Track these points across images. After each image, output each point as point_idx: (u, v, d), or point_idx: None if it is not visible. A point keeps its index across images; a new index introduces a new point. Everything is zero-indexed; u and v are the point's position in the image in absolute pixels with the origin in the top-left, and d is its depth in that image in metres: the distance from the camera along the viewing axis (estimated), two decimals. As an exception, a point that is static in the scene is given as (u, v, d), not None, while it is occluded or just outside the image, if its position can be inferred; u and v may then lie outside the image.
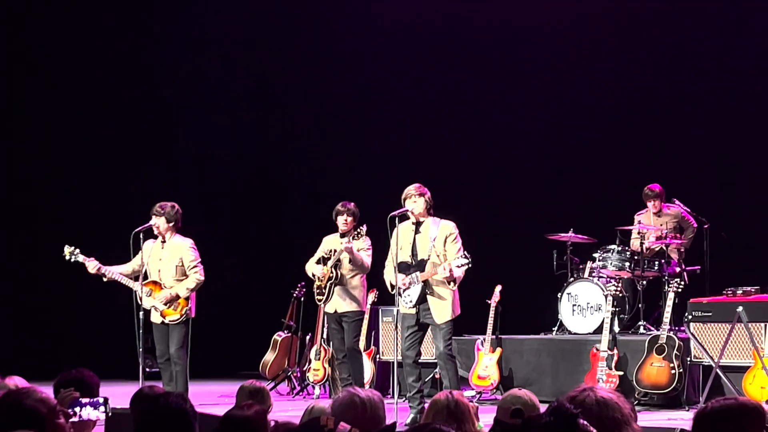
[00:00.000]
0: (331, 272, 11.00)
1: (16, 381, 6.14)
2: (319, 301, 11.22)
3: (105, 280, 11.13)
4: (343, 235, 11.06)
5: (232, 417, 4.50)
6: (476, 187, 16.13)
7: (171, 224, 10.95)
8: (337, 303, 11.04)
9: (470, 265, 9.94)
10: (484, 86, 16.09)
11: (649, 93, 15.47)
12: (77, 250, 11.15)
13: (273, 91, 17.27)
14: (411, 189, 10.21)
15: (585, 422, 3.63)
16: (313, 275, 11.17)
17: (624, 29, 15.39)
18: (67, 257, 11.16)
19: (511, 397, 5.09)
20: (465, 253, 9.96)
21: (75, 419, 4.65)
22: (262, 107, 17.27)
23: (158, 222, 10.91)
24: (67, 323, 16.17)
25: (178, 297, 10.85)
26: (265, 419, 4.51)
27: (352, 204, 11.12)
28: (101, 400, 4.76)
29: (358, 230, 10.85)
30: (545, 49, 15.75)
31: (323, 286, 11.07)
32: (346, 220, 11.03)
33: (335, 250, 10.98)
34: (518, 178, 16.03)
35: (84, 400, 4.74)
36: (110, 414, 4.81)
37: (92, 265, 11.04)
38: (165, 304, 10.84)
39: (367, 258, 10.97)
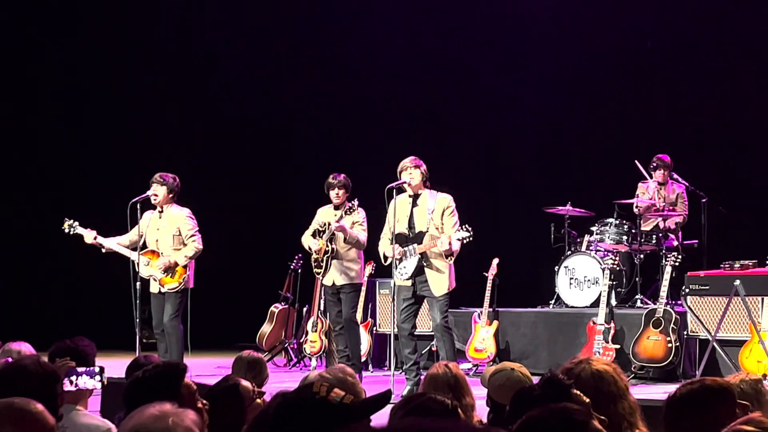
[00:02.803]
0: (327, 246, 10.98)
1: (21, 347, 6.15)
2: (317, 273, 11.21)
3: (103, 251, 11.13)
4: (336, 208, 10.99)
5: (216, 389, 4.52)
6: (474, 160, 16.11)
7: (171, 195, 10.96)
8: (335, 276, 11.02)
9: (471, 239, 9.94)
10: (481, 58, 16.05)
11: (648, 64, 15.42)
12: (76, 223, 11.15)
13: (269, 64, 17.21)
14: (407, 161, 10.21)
15: (578, 392, 3.63)
16: (310, 248, 11.15)
17: (621, 1, 15.34)
18: (66, 230, 11.16)
19: (503, 375, 5.01)
20: (467, 226, 9.96)
21: (71, 388, 4.65)
22: (260, 81, 17.23)
23: (159, 191, 10.89)
24: (64, 294, 16.19)
25: (176, 264, 10.85)
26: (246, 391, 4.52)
27: (343, 176, 11.01)
28: (97, 370, 4.76)
29: (350, 205, 10.79)
30: (543, 20, 15.70)
31: (320, 259, 11.06)
32: (338, 193, 10.93)
33: (329, 224, 10.91)
34: (516, 150, 16.01)
35: (80, 370, 4.74)
36: (106, 383, 4.81)
37: (90, 236, 11.04)
38: (163, 272, 10.84)
39: (362, 233, 10.88)
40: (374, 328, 13.01)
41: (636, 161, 12.80)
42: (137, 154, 15.87)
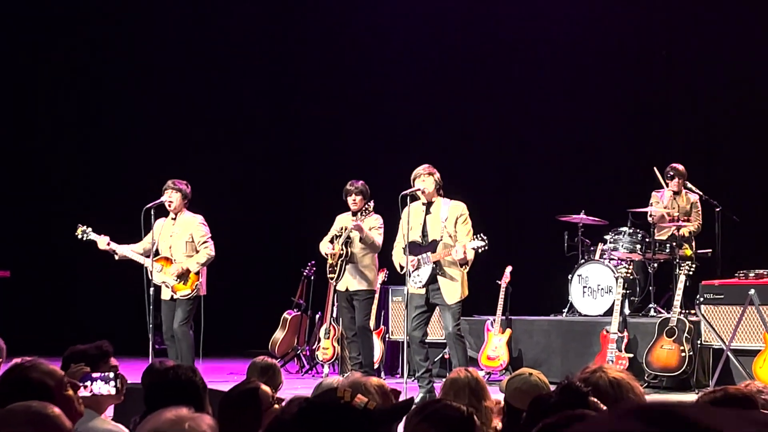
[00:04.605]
0: (342, 250, 11.00)
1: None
2: (331, 279, 11.22)
3: (116, 258, 11.15)
4: (354, 214, 11.06)
5: (234, 393, 4.52)
6: (488, 168, 16.09)
7: (184, 201, 10.99)
8: (349, 281, 11.03)
9: (486, 248, 9.93)
10: (496, 66, 16.03)
11: (662, 73, 15.39)
12: (89, 229, 11.17)
13: (285, 72, 17.24)
14: (420, 169, 10.21)
15: (596, 400, 3.62)
16: (326, 254, 11.18)
17: (637, 7, 15.30)
18: (80, 236, 11.19)
19: (520, 380, 5.05)
20: (482, 235, 9.95)
21: (87, 393, 4.64)
22: (274, 86, 17.24)
23: (173, 197, 10.92)
24: (77, 300, 16.21)
25: (188, 271, 10.87)
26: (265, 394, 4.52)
27: (361, 182, 11.09)
28: (111, 375, 4.75)
29: (366, 206, 10.84)
30: (558, 28, 15.68)
31: (335, 263, 11.07)
32: (355, 200, 11.01)
33: (346, 228, 10.98)
34: (530, 158, 15.98)
35: (95, 375, 4.73)
36: (121, 389, 4.80)
37: (103, 242, 11.06)
38: (176, 279, 10.85)
39: (378, 237, 10.96)
40: (387, 336, 13.00)
41: (655, 168, 12.77)
42: (150, 161, 15.88)
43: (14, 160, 16.53)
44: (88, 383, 4.65)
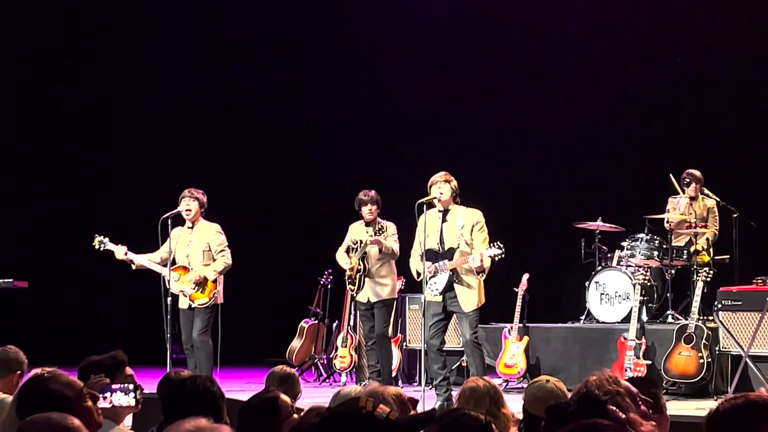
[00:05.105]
0: (359, 264, 11.03)
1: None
2: (351, 290, 11.26)
3: (134, 267, 11.18)
4: (368, 224, 11.08)
5: (254, 401, 4.52)
6: (504, 175, 16.06)
7: (202, 210, 11.02)
8: (369, 293, 11.08)
9: (503, 256, 9.92)
10: (511, 72, 16.01)
11: (679, 79, 15.36)
12: (106, 239, 11.20)
13: (302, 80, 17.28)
14: (437, 176, 10.20)
15: (614, 408, 3.61)
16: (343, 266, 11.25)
17: (652, 13, 15.28)
18: (97, 246, 11.22)
19: (537, 387, 5.07)
20: (498, 243, 9.94)
21: (106, 405, 4.65)
22: (289, 94, 17.28)
23: (191, 206, 10.95)
24: (95, 310, 16.24)
25: (206, 280, 10.88)
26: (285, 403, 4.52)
27: (374, 192, 11.12)
28: (131, 387, 4.75)
29: (381, 225, 10.90)
30: (573, 33, 15.66)
31: (353, 277, 11.11)
32: (371, 209, 11.05)
33: (362, 242, 10.99)
34: (546, 165, 15.95)
35: (115, 386, 4.73)
36: (141, 400, 4.81)
37: (121, 252, 11.09)
38: (193, 287, 10.86)
39: (395, 244, 11.03)
40: (404, 344, 12.99)
41: (670, 175, 12.74)
42: (166, 171, 15.91)
43: (32, 171, 16.57)
44: (108, 394, 4.65)
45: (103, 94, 16.78)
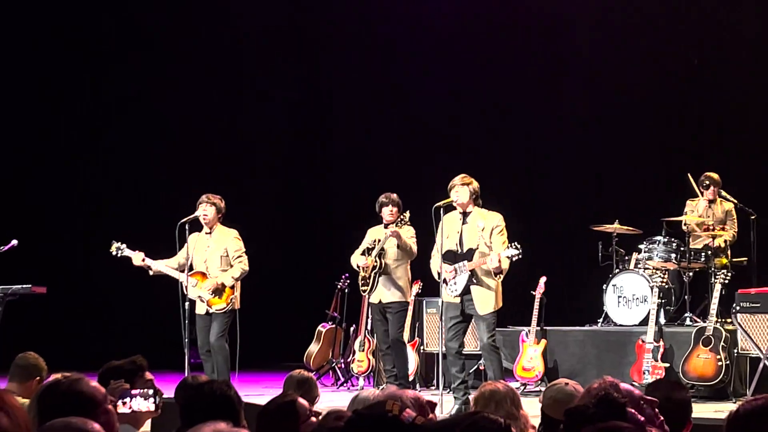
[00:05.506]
0: (375, 262, 11.04)
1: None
2: (364, 291, 11.24)
3: (151, 273, 11.19)
4: (387, 226, 11.11)
5: (272, 405, 4.52)
6: (521, 178, 16.06)
7: (219, 215, 11.04)
8: (381, 293, 11.06)
9: (520, 256, 9.92)
10: (528, 75, 16.00)
11: (695, 79, 15.33)
12: (124, 245, 11.22)
13: (318, 85, 17.30)
14: (456, 179, 10.21)
15: (633, 411, 3.61)
16: (358, 266, 11.21)
17: (669, 14, 15.25)
18: (114, 252, 11.24)
19: (555, 389, 5.09)
20: (515, 243, 9.93)
21: (126, 410, 4.66)
22: (305, 98, 17.31)
23: (208, 211, 10.96)
24: (113, 315, 16.28)
25: (224, 286, 10.89)
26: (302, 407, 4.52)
27: (395, 195, 11.17)
28: (151, 392, 4.76)
29: (401, 217, 10.91)
30: (588, 35, 15.65)
31: (367, 275, 11.10)
32: (391, 211, 11.09)
33: (380, 240, 11.02)
34: (564, 168, 15.94)
35: (134, 392, 4.75)
36: (161, 404, 4.82)
37: (138, 258, 11.11)
38: (211, 293, 10.88)
39: (413, 244, 11.03)
40: (421, 347, 12.98)
41: (689, 175, 12.71)
42: (182, 176, 15.94)
43: (50, 177, 16.63)
44: (128, 399, 4.67)
45: (117, 100, 16.84)
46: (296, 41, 17.18)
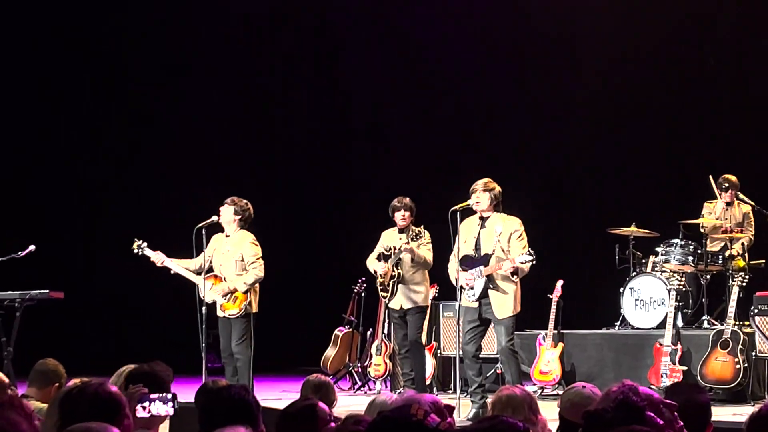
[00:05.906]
0: (393, 270, 11.02)
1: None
2: (384, 297, 11.25)
3: (172, 272, 11.17)
4: (401, 231, 11.08)
5: (292, 409, 4.53)
6: (538, 181, 16.04)
7: (237, 218, 10.94)
8: (402, 300, 11.06)
9: (534, 262, 9.91)
10: (543, 79, 15.99)
11: (712, 82, 15.30)
12: (145, 244, 11.22)
13: (335, 88, 17.31)
14: (478, 183, 10.19)
15: (652, 415, 3.60)
16: (375, 271, 11.20)
17: (685, 13, 15.22)
18: (135, 250, 11.23)
19: (573, 393, 5.08)
20: (529, 249, 9.93)
21: (145, 414, 4.67)
22: (321, 102, 17.32)
23: (226, 211, 10.92)
24: (131, 320, 16.30)
25: (235, 291, 10.85)
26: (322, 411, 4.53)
27: (408, 198, 11.13)
28: (170, 396, 4.76)
29: (417, 232, 10.86)
30: (604, 38, 15.62)
31: (386, 283, 11.09)
32: (404, 215, 11.05)
33: (395, 248, 10.98)
34: (580, 171, 15.93)
35: (153, 396, 4.75)
36: (177, 409, 4.82)
37: (159, 259, 11.10)
38: (223, 297, 10.86)
39: (428, 253, 10.99)
40: (438, 351, 12.98)
41: (710, 177, 12.68)
42: (200, 180, 15.96)
43: (68, 180, 16.67)
44: (147, 404, 4.67)
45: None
46: (313, 41, 17.19)
